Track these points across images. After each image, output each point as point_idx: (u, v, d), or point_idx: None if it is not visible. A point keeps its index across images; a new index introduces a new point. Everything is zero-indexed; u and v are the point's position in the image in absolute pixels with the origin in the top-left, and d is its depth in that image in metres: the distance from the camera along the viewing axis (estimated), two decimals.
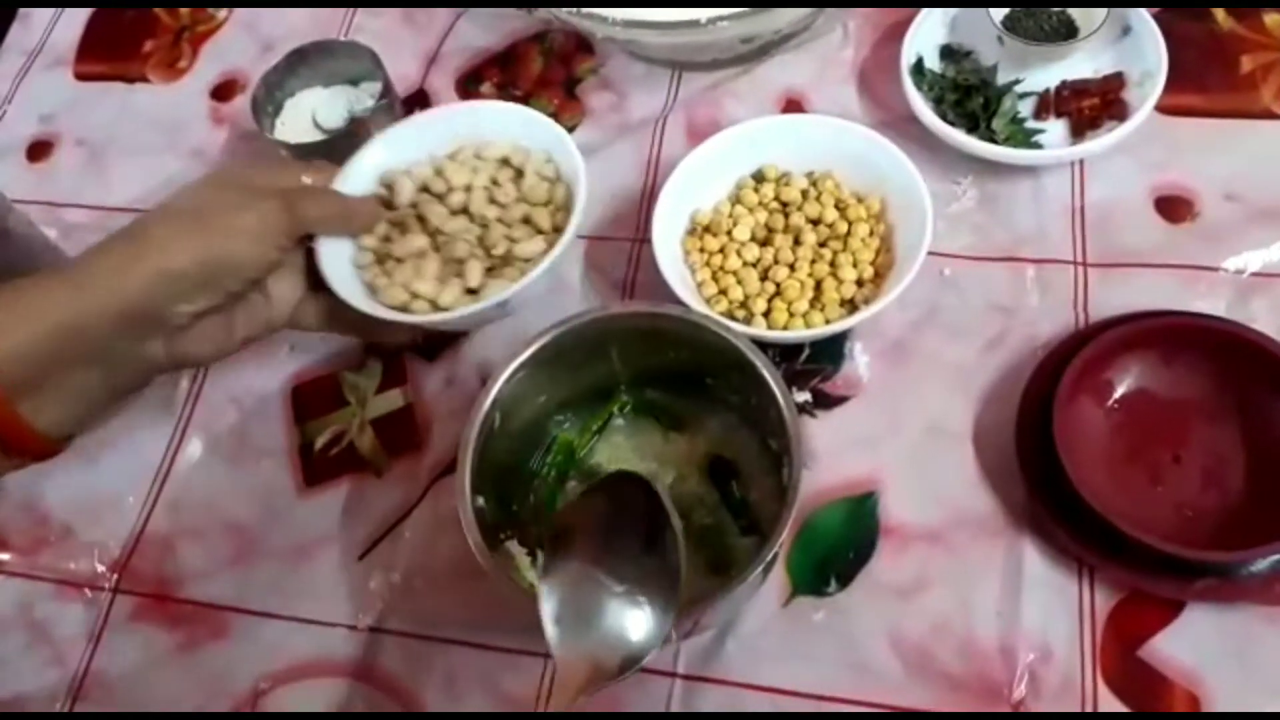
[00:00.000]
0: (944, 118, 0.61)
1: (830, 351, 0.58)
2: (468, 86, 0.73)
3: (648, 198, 0.63)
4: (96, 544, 0.58)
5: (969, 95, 0.63)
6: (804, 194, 0.59)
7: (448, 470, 0.57)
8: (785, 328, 0.55)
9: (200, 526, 0.58)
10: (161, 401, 0.62)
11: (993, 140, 0.61)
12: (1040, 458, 0.50)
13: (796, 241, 0.58)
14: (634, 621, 0.41)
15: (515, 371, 0.49)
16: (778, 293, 0.56)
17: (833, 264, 0.57)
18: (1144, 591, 0.49)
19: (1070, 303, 0.57)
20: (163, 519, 0.59)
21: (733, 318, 0.56)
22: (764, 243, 0.59)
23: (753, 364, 0.47)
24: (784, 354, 0.58)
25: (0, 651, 0.56)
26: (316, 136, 0.65)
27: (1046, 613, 0.49)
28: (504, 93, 0.72)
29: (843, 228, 0.58)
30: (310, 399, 0.61)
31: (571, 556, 0.42)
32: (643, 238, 0.62)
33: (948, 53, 0.65)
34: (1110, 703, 0.47)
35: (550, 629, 0.41)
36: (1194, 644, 0.48)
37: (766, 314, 0.56)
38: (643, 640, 0.41)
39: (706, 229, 0.59)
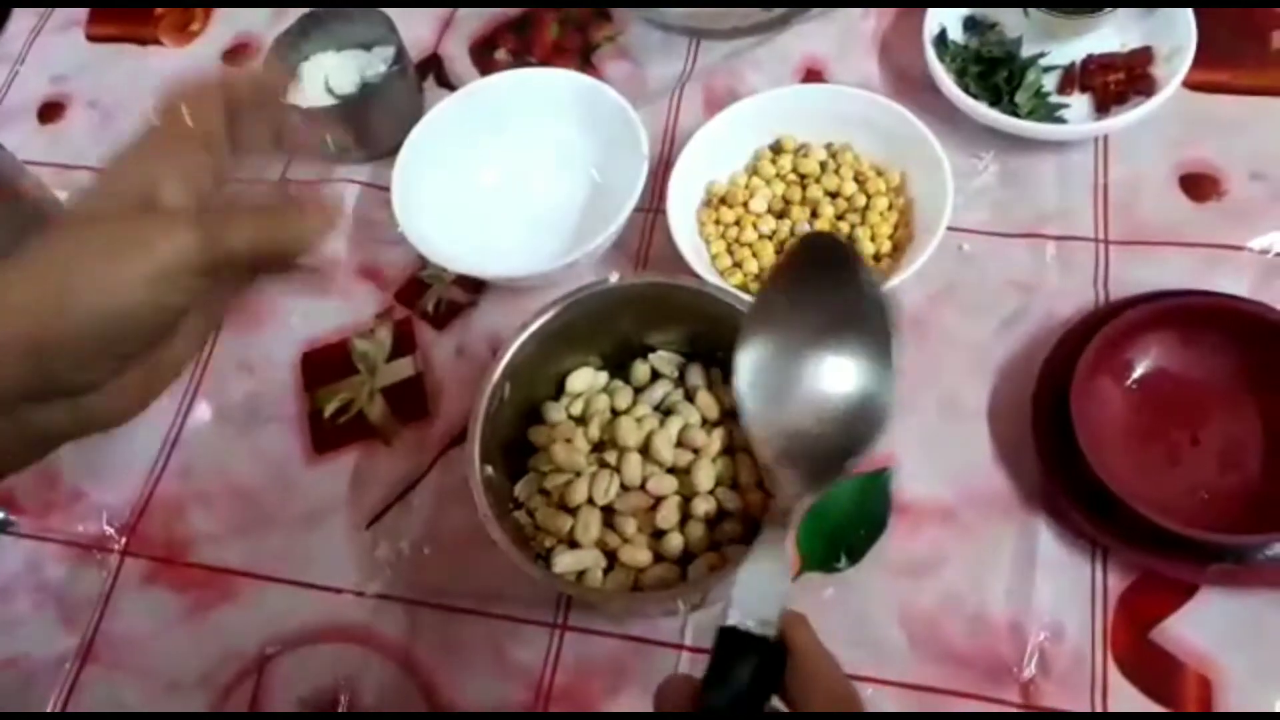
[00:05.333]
0: (966, 90, 0.60)
1: None
2: (482, 53, 0.72)
3: (663, 168, 0.62)
4: (106, 507, 0.59)
5: (993, 68, 0.62)
6: (822, 166, 0.59)
7: (457, 439, 0.57)
8: None
9: (209, 492, 0.58)
10: None
11: (1016, 114, 0.60)
12: (1056, 437, 0.50)
13: (814, 214, 0.57)
14: (843, 380, 0.37)
15: (526, 342, 0.48)
16: None
17: (850, 238, 0.56)
18: (1157, 573, 0.48)
19: (1091, 280, 0.56)
20: (172, 484, 0.59)
21: (747, 291, 0.55)
22: (780, 215, 0.58)
23: None
24: None
25: (10, 613, 0.57)
26: (329, 101, 0.64)
27: (1058, 592, 0.49)
28: (519, 59, 0.71)
29: (861, 201, 0.57)
30: (320, 366, 0.61)
31: (770, 313, 0.39)
32: (656, 208, 0.61)
33: (972, 24, 0.64)
34: (1121, 684, 0.47)
35: (744, 398, 0.38)
36: (1207, 627, 0.48)
37: None
38: (855, 408, 0.36)
39: (722, 200, 0.59)
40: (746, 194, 0.58)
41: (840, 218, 0.57)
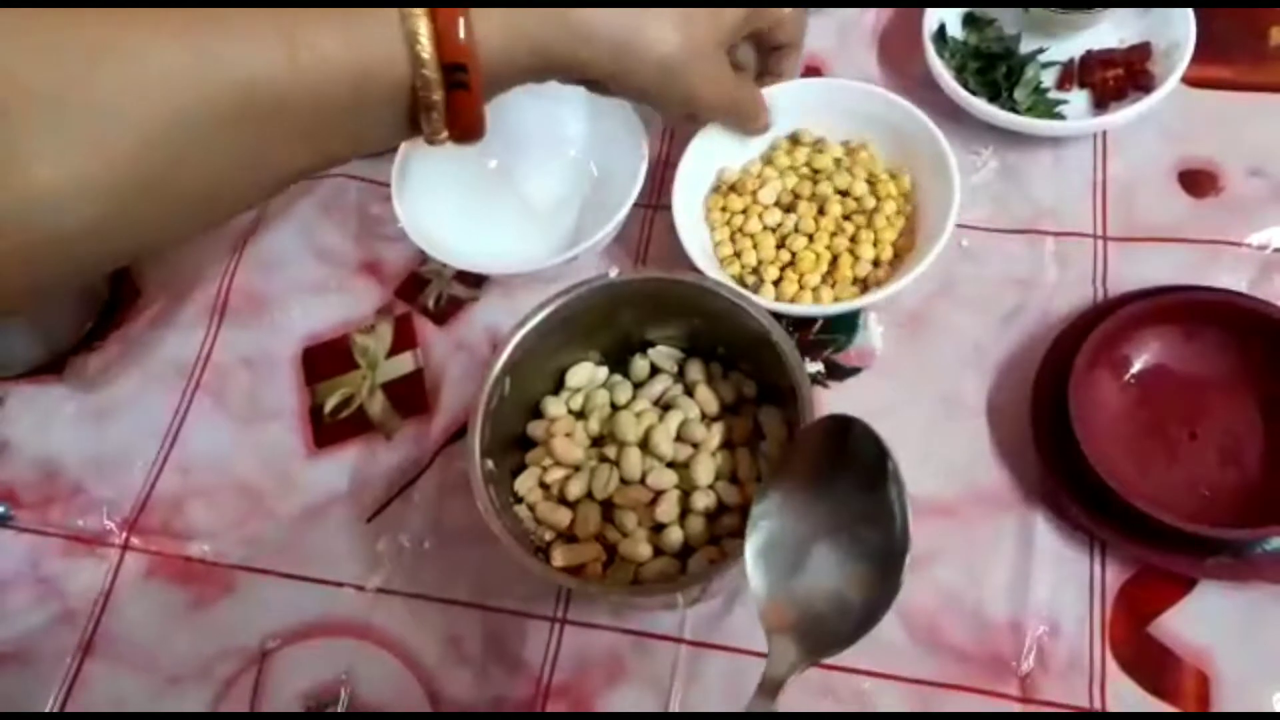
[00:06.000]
0: (965, 86, 0.60)
1: (844, 322, 0.57)
2: None
3: (663, 164, 0.63)
4: (107, 502, 0.59)
5: (991, 64, 0.62)
6: (836, 163, 0.58)
7: (457, 434, 0.57)
8: (792, 300, 0.54)
9: (210, 486, 0.58)
10: (172, 362, 0.62)
11: (1014, 110, 0.60)
12: (1055, 432, 0.50)
13: (820, 212, 0.57)
14: (853, 572, 0.38)
15: (526, 337, 0.48)
16: (792, 262, 0.56)
17: (853, 240, 0.56)
18: (1156, 568, 0.48)
19: (1089, 276, 0.56)
20: (173, 478, 0.59)
21: (742, 283, 0.55)
22: (788, 208, 0.58)
23: (767, 333, 0.46)
24: (797, 324, 0.57)
25: (10, 607, 0.57)
26: None
27: (1057, 587, 0.49)
28: None
29: (870, 203, 0.57)
30: (320, 361, 0.61)
31: (784, 487, 0.40)
32: (656, 204, 0.61)
33: (971, 20, 0.64)
34: (1119, 678, 0.47)
35: (752, 567, 0.39)
36: (1205, 621, 0.48)
37: (777, 282, 0.55)
38: (864, 595, 0.37)
39: (732, 188, 0.58)
40: (757, 183, 0.58)
41: (847, 218, 0.57)
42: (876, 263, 0.55)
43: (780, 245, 0.56)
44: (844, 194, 0.57)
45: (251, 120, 0.34)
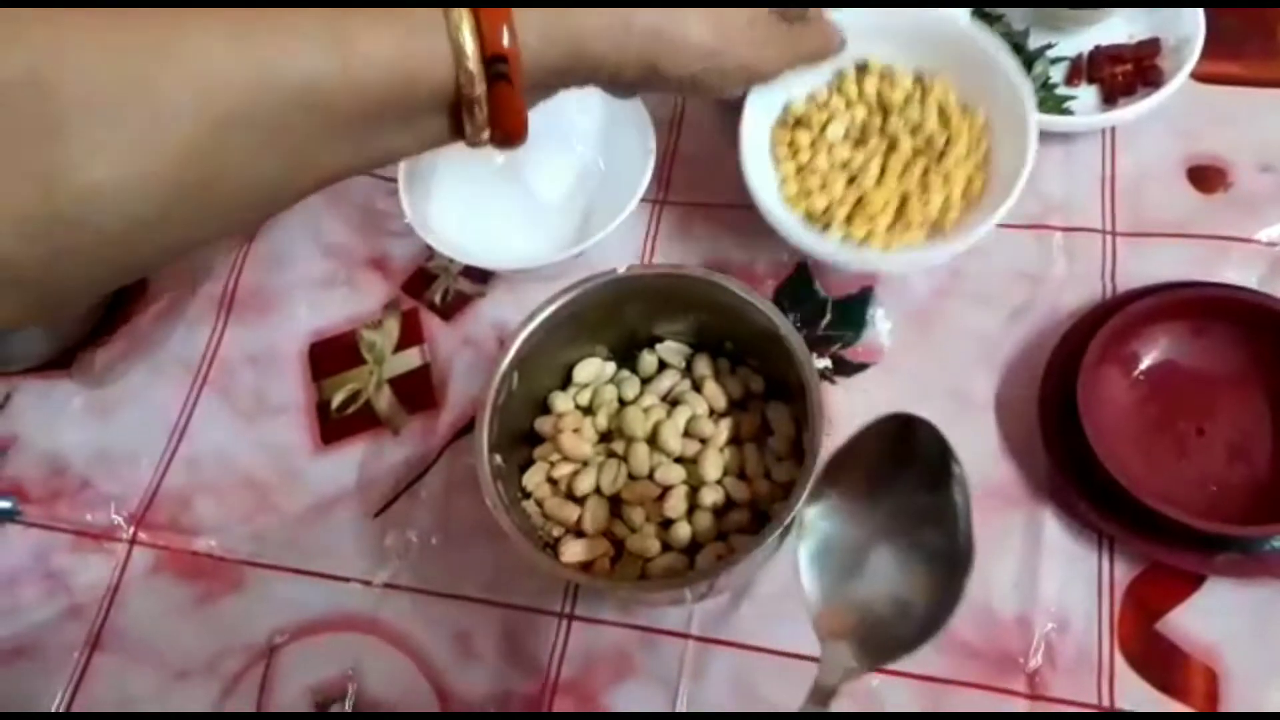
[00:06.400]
0: None
1: (852, 317, 0.57)
2: None
3: (670, 158, 0.63)
4: (114, 497, 0.59)
5: None
6: (907, 97, 0.54)
7: (465, 430, 0.57)
8: (864, 241, 0.51)
9: (217, 482, 0.58)
10: (179, 357, 0.62)
11: None
12: (1063, 428, 0.50)
13: (890, 149, 0.53)
14: (914, 575, 0.37)
15: (533, 332, 0.48)
16: (860, 202, 0.52)
17: (924, 179, 0.52)
18: (1165, 564, 0.48)
19: (1098, 272, 0.56)
20: (180, 474, 0.59)
21: (810, 221, 0.53)
22: (858, 143, 0.54)
23: (775, 328, 0.46)
24: (804, 320, 0.57)
25: (18, 602, 0.57)
26: None
27: (1065, 584, 0.49)
28: None
29: (941, 140, 0.53)
30: (327, 357, 0.61)
31: (841, 489, 0.39)
32: (664, 199, 0.61)
33: (979, 15, 0.64)
34: (1127, 675, 0.47)
35: (806, 572, 0.38)
36: (1214, 618, 0.48)
37: (848, 220, 0.52)
38: (926, 599, 0.36)
39: (799, 121, 0.55)
40: (824, 116, 0.54)
41: (916, 155, 0.53)
42: (947, 205, 0.52)
43: (851, 183, 0.53)
44: (913, 132, 0.53)
45: (301, 123, 0.34)
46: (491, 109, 0.38)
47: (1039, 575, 0.49)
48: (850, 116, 0.54)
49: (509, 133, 0.41)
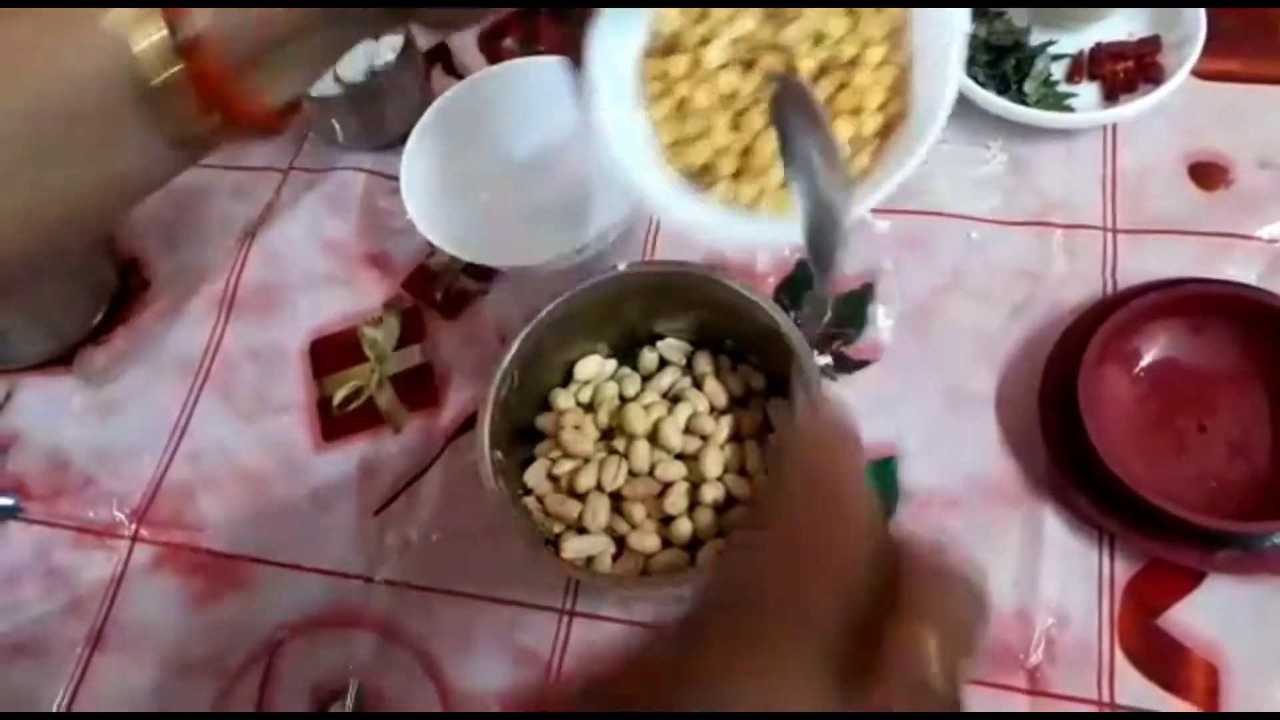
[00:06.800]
0: (975, 79, 0.60)
1: (852, 314, 0.57)
2: (490, 41, 0.72)
3: None
4: (116, 494, 0.59)
5: (1001, 56, 0.61)
6: None
7: (465, 427, 0.57)
8: (754, 204, 0.38)
9: (218, 479, 0.59)
10: (181, 354, 0.62)
11: (1024, 103, 0.59)
12: (1064, 425, 0.50)
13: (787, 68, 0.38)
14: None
15: (534, 329, 0.49)
16: (748, 152, 0.38)
17: (828, 107, 0.38)
18: (1165, 561, 0.48)
19: (1099, 269, 0.56)
20: (181, 471, 0.59)
21: (695, 182, 0.39)
22: (747, 66, 0.38)
23: (776, 325, 0.46)
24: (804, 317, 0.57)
25: (20, 598, 0.57)
26: (337, 89, 0.64)
27: (1065, 580, 0.49)
28: (527, 48, 0.71)
29: (850, 50, 0.37)
30: (329, 354, 0.61)
31: None
32: None
33: (980, 13, 0.64)
34: (1127, 671, 0.47)
35: None
36: (1214, 614, 0.48)
37: (736, 177, 0.38)
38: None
39: (672, 47, 0.39)
40: (703, 33, 0.38)
41: (823, 70, 0.38)
42: (857, 143, 0.38)
43: (736, 127, 0.38)
44: (817, 41, 0.38)
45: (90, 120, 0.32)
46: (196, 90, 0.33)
47: (1039, 571, 0.49)
48: (736, 29, 0.38)
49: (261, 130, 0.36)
